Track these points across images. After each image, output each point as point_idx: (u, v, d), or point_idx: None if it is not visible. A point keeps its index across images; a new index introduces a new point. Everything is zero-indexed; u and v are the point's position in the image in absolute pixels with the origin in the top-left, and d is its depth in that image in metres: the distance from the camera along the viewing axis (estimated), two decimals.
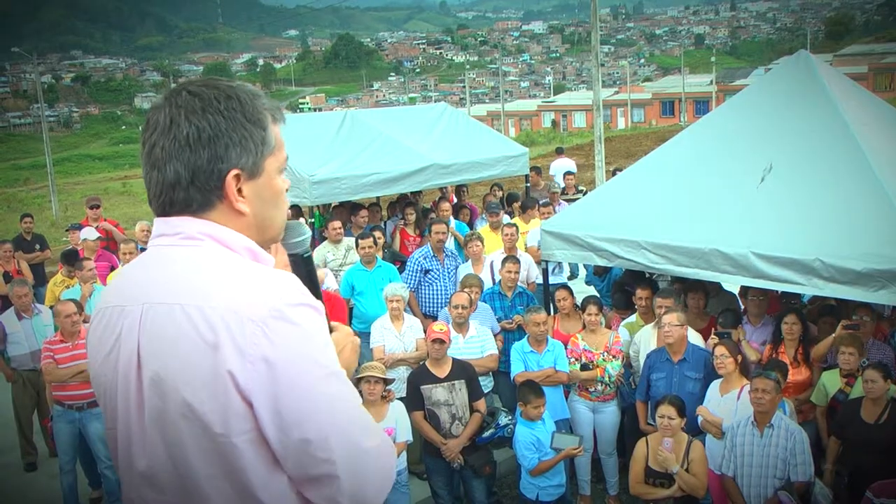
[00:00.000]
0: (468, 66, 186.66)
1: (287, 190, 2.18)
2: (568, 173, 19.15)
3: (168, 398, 1.87)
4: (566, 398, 8.82)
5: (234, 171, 1.99)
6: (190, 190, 1.99)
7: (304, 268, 2.31)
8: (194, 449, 1.87)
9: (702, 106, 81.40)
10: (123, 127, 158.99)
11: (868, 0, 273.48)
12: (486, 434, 8.05)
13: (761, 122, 8.82)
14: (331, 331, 2.12)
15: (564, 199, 16.15)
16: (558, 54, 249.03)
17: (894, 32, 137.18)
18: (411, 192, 15.70)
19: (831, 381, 7.97)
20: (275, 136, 2.08)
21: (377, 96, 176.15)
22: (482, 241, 11.38)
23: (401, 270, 11.50)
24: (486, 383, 9.06)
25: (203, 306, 1.86)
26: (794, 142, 8.40)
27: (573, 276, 16.19)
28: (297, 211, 14.50)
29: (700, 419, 7.67)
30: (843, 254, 7.28)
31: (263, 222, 2.09)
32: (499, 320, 9.83)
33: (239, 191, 2.01)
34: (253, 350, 1.81)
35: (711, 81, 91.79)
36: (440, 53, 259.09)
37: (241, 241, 2.03)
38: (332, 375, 1.91)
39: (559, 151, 23.96)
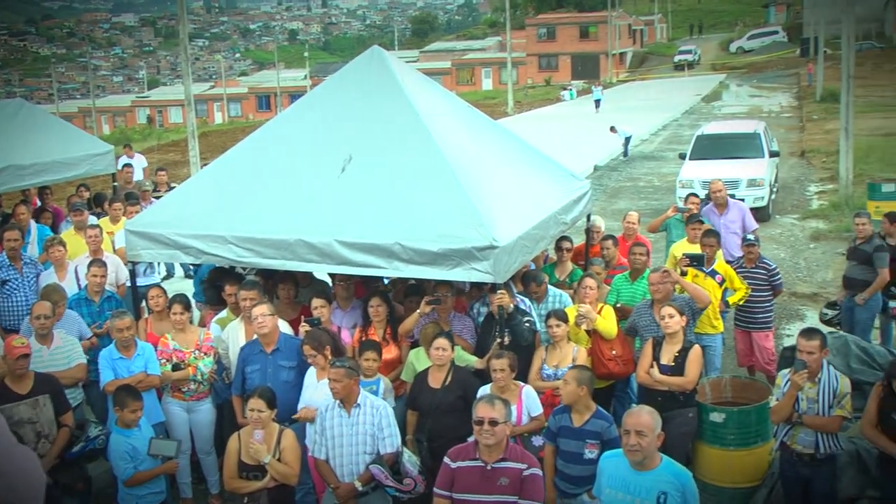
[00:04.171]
0: (55, 60, 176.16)
1: None
2: (160, 170, 18.60)
3: None
4: (160, 400, 8.59)
5: None
6: None
7: None
8: None
9: (297, 100, 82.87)
10: None
11: (449, 1, 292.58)
12: (76, 448, 7.62)
13: (340, 115, 9.04)
14: None
15: (155, 197, 15.66)
16: (152, 48, 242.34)
17: (473, 31, 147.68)
18: None
19: (419, 359, 8.37)
20: None
21: None
22: (65, 246, 10.75)
23: None
24: (76, 395, 8.60)
25: None
26: (371, 133, 8.70)
27: (170, 275, 15.80)
28: None
29: (300, 409, 7.76)
30: (421, 237, 7.70)
31: None
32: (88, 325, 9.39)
33: None
34: None
35: (306, 76, 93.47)
36: (24, 45, 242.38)
37: None
38: None
39: (128, 147, 23.07)
